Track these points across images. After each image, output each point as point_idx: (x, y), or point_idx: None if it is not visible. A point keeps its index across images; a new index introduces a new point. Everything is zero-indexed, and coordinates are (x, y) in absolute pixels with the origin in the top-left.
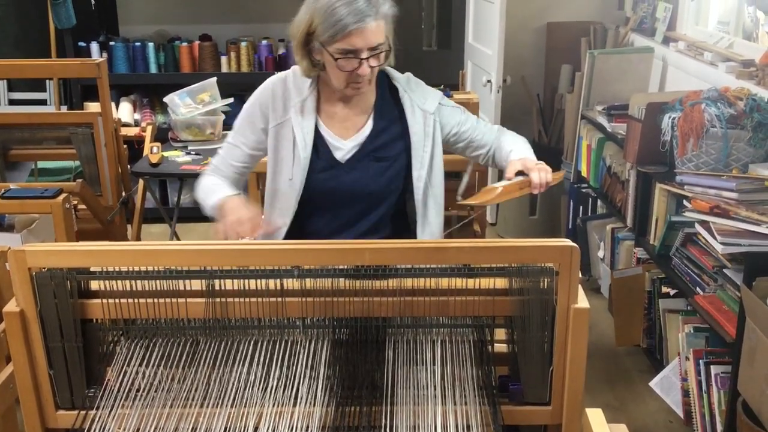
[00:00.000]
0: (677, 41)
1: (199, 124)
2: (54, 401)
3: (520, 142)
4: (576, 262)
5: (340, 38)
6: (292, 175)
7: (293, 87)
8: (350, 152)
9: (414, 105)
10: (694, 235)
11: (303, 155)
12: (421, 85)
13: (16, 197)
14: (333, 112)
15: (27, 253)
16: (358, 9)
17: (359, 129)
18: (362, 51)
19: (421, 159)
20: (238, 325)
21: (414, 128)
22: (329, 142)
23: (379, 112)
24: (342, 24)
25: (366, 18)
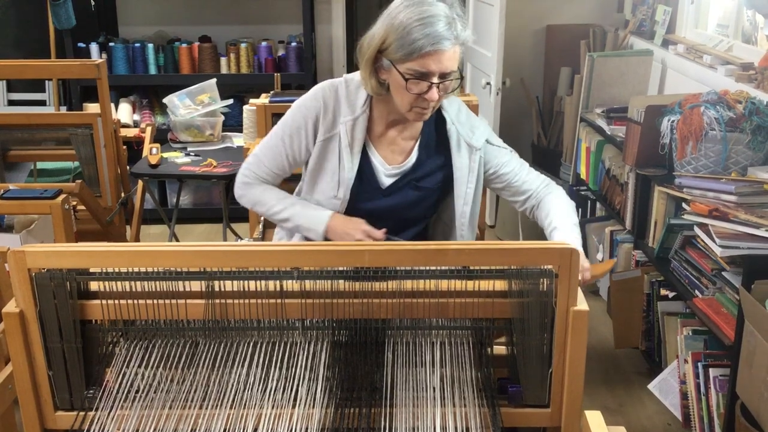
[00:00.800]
0: (676, 44)
1: (199, 126)
2: (53, 402)
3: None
4: (575, 265)
5: (415, 58)
6: (336, 193)
7: (345, 101)
8: (392, 179)
9: (461, 139)
10: (692, 238)
11: (348, 176)
12: (471, 117)
13: (16, 198)
14: (382, 134)
15: (27, 254)
16: (438, 31)
17: (405, 156)
18: (434, 75)
19: (464, 195)
20: (238, 326)
21: (458, 163)
22: (375, 167)
23: (425, 141)
24: (419, 44)
25: (444, 41)
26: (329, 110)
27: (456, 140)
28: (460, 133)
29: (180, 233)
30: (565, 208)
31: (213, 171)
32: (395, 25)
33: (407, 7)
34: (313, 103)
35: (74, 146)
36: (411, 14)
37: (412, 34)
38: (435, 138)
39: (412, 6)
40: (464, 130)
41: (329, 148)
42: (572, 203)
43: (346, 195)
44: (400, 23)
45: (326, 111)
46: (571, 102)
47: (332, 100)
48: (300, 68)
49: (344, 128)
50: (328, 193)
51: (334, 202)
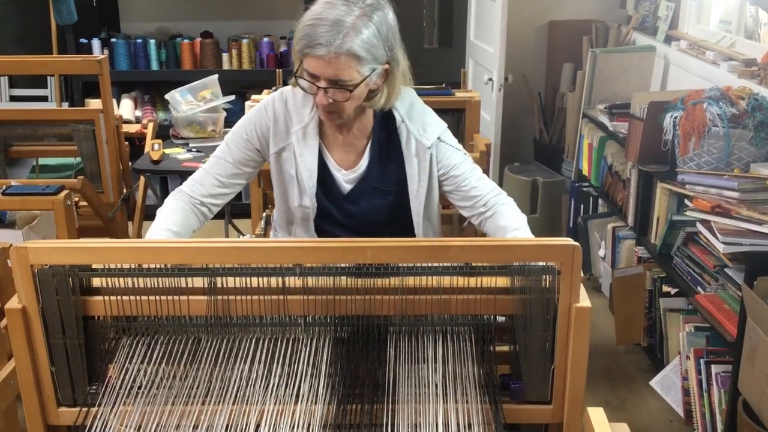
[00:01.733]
0: (679, 40)
1: (201, 122)
2: (56, 398)
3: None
4: (578, 261)
5: (302, 55)
6: (302, 202)
7: (294, 110)
8: (352, 183)
9: (411, 136)
10: (695, 235)
11: (309, 184)
12: (424, 114)
13: (18, 194)
14: (334, 136)
15: (29, 250)
16: (325, 34)
17: (359, 157)
18: (320, 79)
19: (416, 194)
20: (240, 322)
21: (409, 161)
22: (333, 173)
23: (377, 140)
24: (302, 43)
25: (319, 47)
26: (279, 122)
27: (406, 138)
28: (410, 131)
29: None
30: (519, 224)
31: None
32: (302, 19)
33: (318, 4)
34: (264, 116)
35: (76, 142)
36: (312, 12)
37: (302, 32)
38: (386, 137)
39: (320, 4)
40: (415, 128)
41: (285, 158)
42: (524, 217)
43: (313, 202)
44: (305, 17)
45: (277, 123)
46: (574, 98)
47: (282, 112)
48: None
49: (296, 138)
50: (295, 203)
51: (305, 210)
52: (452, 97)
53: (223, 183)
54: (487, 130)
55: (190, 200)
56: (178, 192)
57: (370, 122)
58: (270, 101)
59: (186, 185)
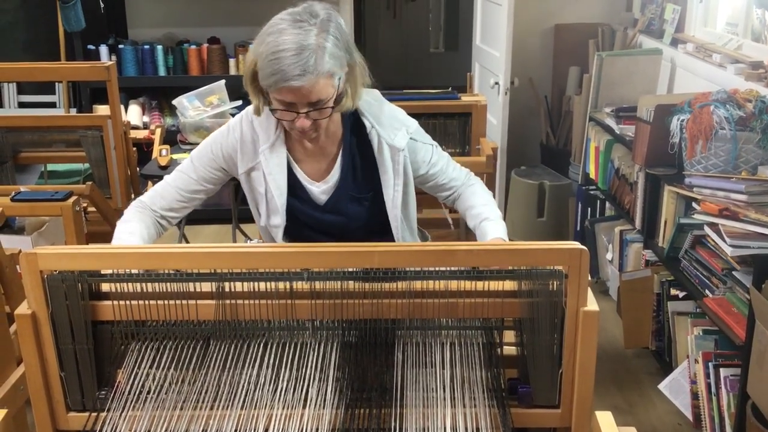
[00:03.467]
0: (686, 43)
1: (208, 127)
2: (65, 403)
3: (490, 205)
4: (585, 265)
5: (275, 91)
6: (271, 220)
7: (260, 129)
8: (327, 194)
9: (382, 141)
10: (703, 238)
11: (280, 202)
12: (393, 116)
13: (27, 200)
14: (303, 149)
15: (39, 256)
16: (296, 64)
17: (331, 166)
18: (300, 106)
19: (392, 198)
20: (248, 327)
21: (383, 167)
22: (305, 186)
23: (348, 148)
24: (277, 77)
25: (301, 77)
26: (247, 142)
27: (377, 143)
28: (381, 136)
29: (190, 234)
30: (488, 200)
31: None
32: (261, 52)
33: (271, 35)
34: (230, 138)
35: (84, 148)
36: (273, 44)
37: (272, 65)
38: (357, 144)
39: (276, 34)
40: (386, 132)
41: (254, 177)
42: (491, 194)
43: (282, 221)
44: (262, 51)
45: (244, 143)
46: (580, 101)
47: (249, 132)
48: None
49: (263, 156)
50: (266, 222)
51: (273, 230)
52: (458, 101)
53: (184, 198)
54: (494, 133)
55: (151, 213)
56: (139, 203)
57: (339, 129)
58: (237, 122)
59: (147, 197)
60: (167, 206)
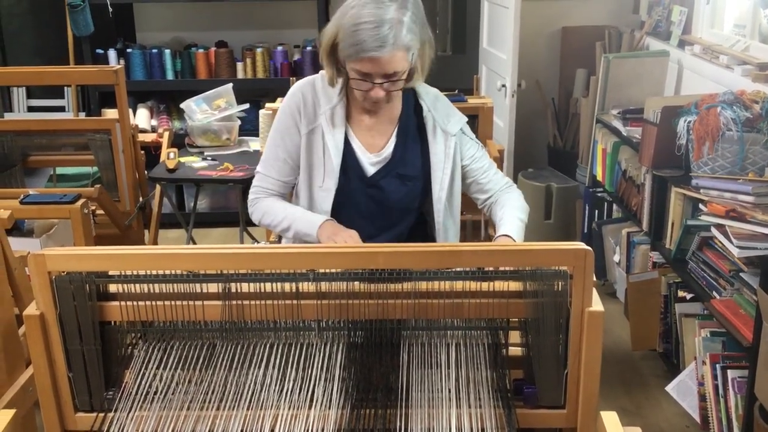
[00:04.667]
0: (693, 44)
1: (216, 130)
2: (73, 403)
3: (516, 211)
4: (590, 265)
5: (354, 61)
6: (323, 183)
7: (322, 93)
8: (376, 167)
9: (436, 125)
10: (710, 239)
11: (335, 162)
12: (448, 107)
13: (36, 203)
14: (360, 120)
15: (47, 257)
16: (377, 36)
17: (385, 142)
18: (376, 76)
19: (440, 181)
20: (254, 327)
21: (434, 149)
22: (358, 155)
23: (404, 127)
24: (358, 48)
25: (382, 48)
26: (308, 104)
27: (432, 126)
28: (435, 120)
29: (197, 237)
30: (518, 206)
31: (229, 175)
32: (343, 24)
33: (353, 8)
34: (293, 101)
35: (93, 151)
36: (356, 16)
37: (354, 36)
38: (413, 125)
39: (358, 6)
40: (440, 117)
41: (313, 140)
42: (527, 207)
43: (334, 184)
44: (346, 23)
45: (305, 105)
46: (587, 104)
47: (310, 95)
48: (316, 72)
49: (324, 117)
50: (317, 185)
51: (322, 194)
52: (465, 104)
53: (284, 182)
54: (501, 136)
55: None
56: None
57: (398, 108)
58: (297, 88)
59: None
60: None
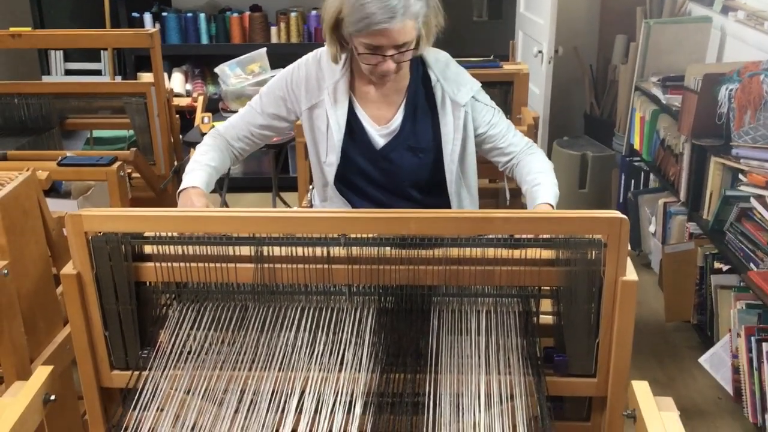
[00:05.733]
0: (736, 10)
1: (249, 95)
2: (109, 361)
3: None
4: (625, 234)
5: (365, 34)
6: (327, 158)
7: (327, 68)
8: (385, 138)
9: (445, 95)
10: (749, 210)
11: (337, 138)
12: (459, 74)
13: (73, 165)
14: (366, 92)
15: (83, 218)
16: (387, 7)
17: (393, 114)
18: (387, 48)
19: (451, 153)
20: (286, 290)
21: (443, 120)
22: (366, 127)
23: (412, 98)
24: (367, 21)
25: (392, 19)
26: (312, 79)
27: (441, 97)
28: (445, 90)
29: (230, 202)
30: (546, 168)
31: None
32: (345, 1)
33: None
34: (295, 74)
35: (129, 115)
36: None
37: (362, 10)
38: (422, 95)
39: None
40: (449, 87)
41: (316, 114)
42: (551, 164)
43: (336, 159)
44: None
45: (308, 80)
46: (626, 70)
47: (315, 70)
48: None
49: (327, 92)
50: (321, 160)
51: (327, 168)
52: (500, 70)
53: (253, 133)
54: (536, 103)
55: (224, 141)
56: (214, 131)
57: (406, 79)
58: (304, 60)
59: (222, 127)
60: (236, 136)
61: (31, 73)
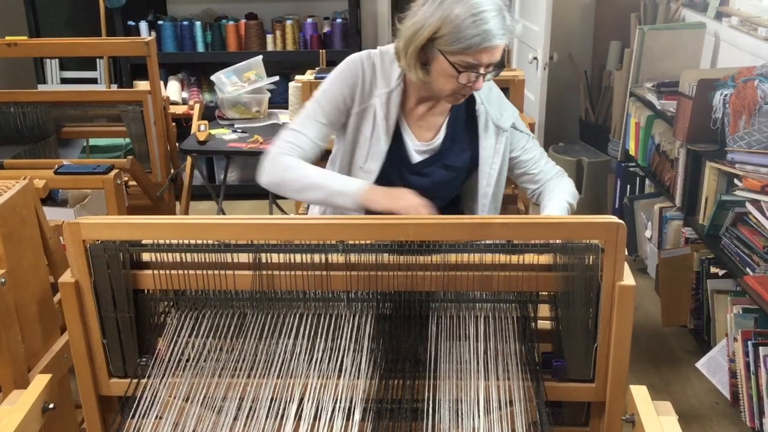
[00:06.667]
0: (730, 16)
1: (245, 103)
2: (107, 369)
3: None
4: (622, 239)
5: (471, 52)
6: (366, 165)
7: (381, 73)
8: (422, 156)
9: (489, 119)
10: (744, 215)
11: (382, 149)
12: (501, 98)
13: (69, 173)
14: (413, 108)
15: (81, 226)
16: (497, 27)
17: (434, 133)
18: (482, 66)
19: (488, 176)
20: (284, 297)
21: (484, 143)
22: (406, 142)
23: (454, 118)
24: (478, 39)
25: (502, 37)
26: (366, 82)
27: (484, 120)
28: (488, 113)
29: (227, 209)
30: (567, 191)
31: (259, 147)
32: (450, 17)
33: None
34: (352, 73)
35: (125, 123)
36: (467, 8)
37: (469, 29)
38: (464, 116)
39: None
40: (493, 111)
41: (363, 119)
42: (577, 194)
43: (377, 168)
44: (456, 16)
45: (364, 82)
46: (621, 76)
47: (369, 72)
48: (345, 45)
49: (379, 101)
50: (358, 165)
51: (362, 174)
52: (495, 77)
53: (317, 145)
54: (532, 109)
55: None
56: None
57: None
58: (358, 60)
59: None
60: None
61: (27, 82)
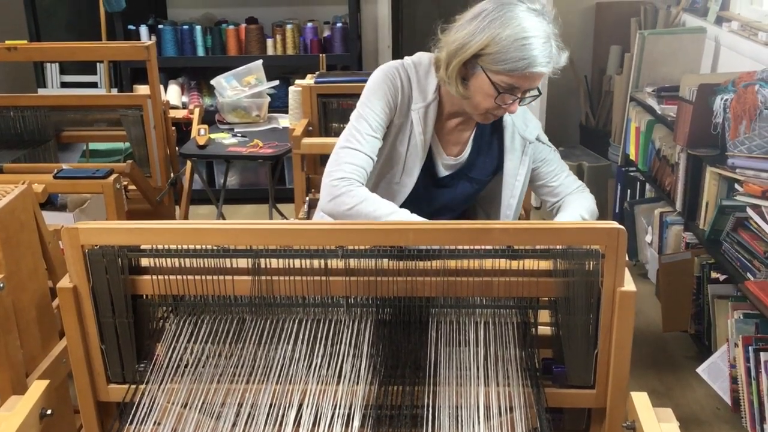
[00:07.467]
0: (730, 21)
1: (245, 107)
2: (105, 375)
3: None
4: (623, 245)
5: (514, 75)
6: (401, 179)
7: (416, 87)
8: (449, 170)
9: (515, 131)
10: (745, 220)
11: (417, 165)
12: (525, 111)
13: (69, 177)
14: (444, 123)
15: (80, 231)
16: (543, 55)
17: (461, 148)
18: (520, 91)
19: (512, 187)
20: (283, 303)
21: (510, 155)
22: (435, 156)
23: (480, 131)
24: (523, 63)
25: (548, 64)
26: (405, 94)
27: (510, 132)
28: (515, 125)
29: (227, 213)
30: (585, 206)
31: (259, 152)
32: (500, 38)
33: (510, 20)
34: (393, 83)
35: (125, 127)
36: (517, 30)
37: (516, 52)
38: (489, 128)
39: (513, 19)
40: (519, 122)
41: (400, 133)
42: (596, 210)
43: (412, 183)
44: (506, 37)
45: (403, 94)
46: (621, 81)
47: (407, 84)
48: (345, 49)
49: (417, 115)
50: (394, 181)
51: (395, 188)
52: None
53: (373, 160)
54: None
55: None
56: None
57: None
58: (395, 71)
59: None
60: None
61: (27, 86)
